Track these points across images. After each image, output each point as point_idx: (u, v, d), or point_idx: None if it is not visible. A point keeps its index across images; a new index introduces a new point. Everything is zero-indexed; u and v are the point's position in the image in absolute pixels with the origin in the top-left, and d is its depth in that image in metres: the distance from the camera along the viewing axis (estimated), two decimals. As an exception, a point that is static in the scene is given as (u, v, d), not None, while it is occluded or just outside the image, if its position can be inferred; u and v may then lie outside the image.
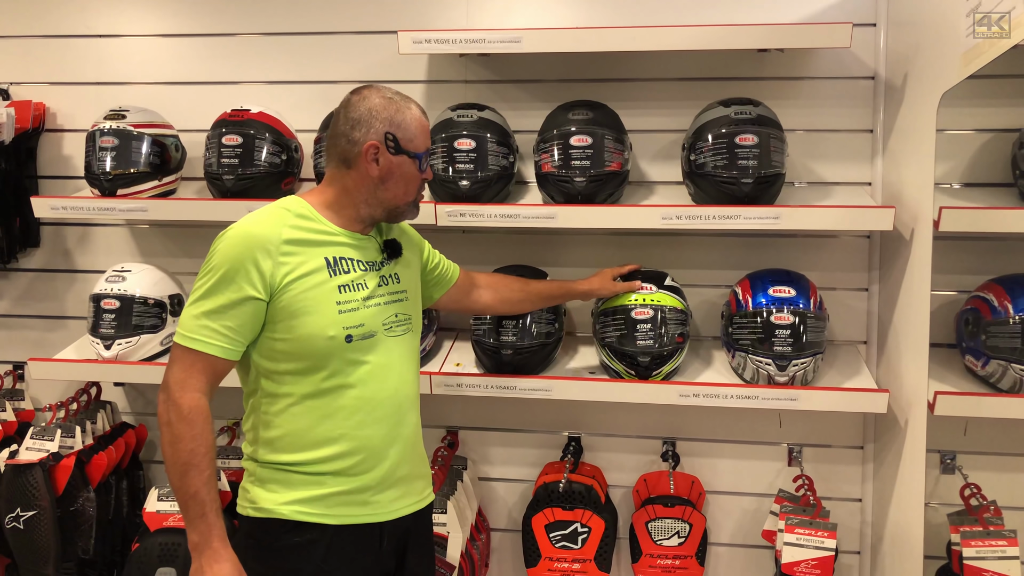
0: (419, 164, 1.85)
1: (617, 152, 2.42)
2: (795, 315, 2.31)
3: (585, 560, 2.50)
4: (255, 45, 2.87)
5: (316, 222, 1.81)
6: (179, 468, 1.68)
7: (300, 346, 1.74)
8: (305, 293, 1.74)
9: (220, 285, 1.71)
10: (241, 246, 1.71)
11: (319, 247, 1.79)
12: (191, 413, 1.68)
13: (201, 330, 1.70)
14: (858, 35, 2.45)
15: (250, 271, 1.70)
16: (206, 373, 1.72)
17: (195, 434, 1.68)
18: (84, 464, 2.66)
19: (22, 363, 3.09)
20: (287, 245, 1.74)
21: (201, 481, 1.68)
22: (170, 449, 1.69)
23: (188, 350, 1.71)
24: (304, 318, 1.73)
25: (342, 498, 1.79)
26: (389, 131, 1.80)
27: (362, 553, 1.83)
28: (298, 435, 1.78)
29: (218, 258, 1.72)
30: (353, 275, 1.81)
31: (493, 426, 2.86)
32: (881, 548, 2.56)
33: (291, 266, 1.73)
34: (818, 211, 2.34)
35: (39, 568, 2.60)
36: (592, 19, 2.69)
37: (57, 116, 3.00)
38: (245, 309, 1.71)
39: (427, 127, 1.88)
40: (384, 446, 1.84)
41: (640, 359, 2.37)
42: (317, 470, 1.78)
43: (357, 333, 1.78)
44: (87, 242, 3.04)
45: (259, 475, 1.82)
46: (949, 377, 2.32)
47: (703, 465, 2.77)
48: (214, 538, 1.68)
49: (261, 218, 1.78)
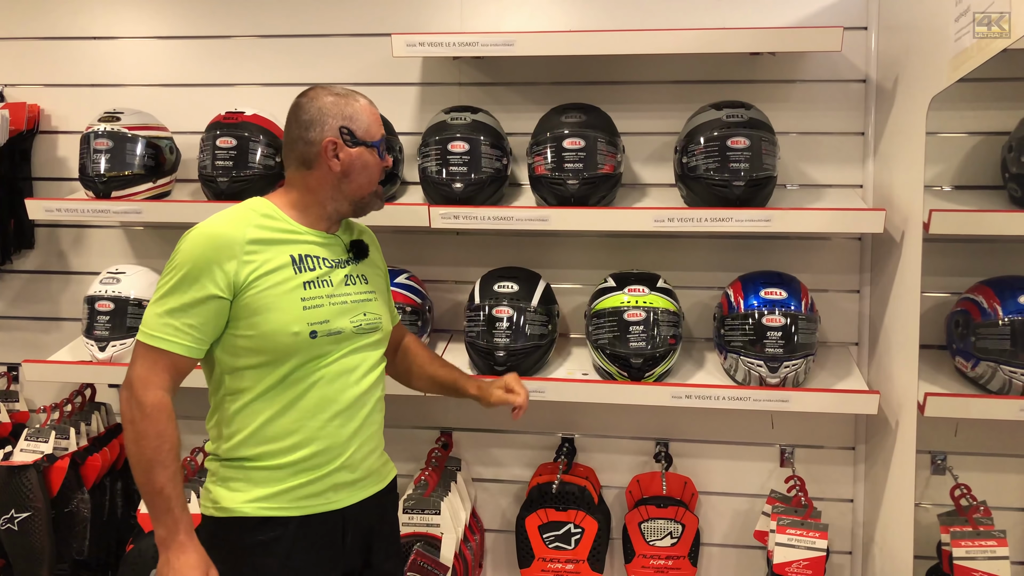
0: (377, 151, 1.86)
1: (610, 155, 2.43)
2: (786, 317, 2.32)
3: (578, 561, 2.51)
4: (249, 47, 2.88)
5: (281, 221, 1.81)
6: (144, 465, 1.68)
7: (264, 342, 1.74)
8: (269, 290, 1.74)
9: (183, 284, 1.70)
10: (204, 246, 1.71)
11: (284, 245, 1.79)
12: (154, 410, 1.68)
13: (164, 328, 1.70)
14: (849, 39, 2.47)
15: (213, 270, 1.70)
16: (169, 371, 1.71)
17: (159, 431, 1.68)
18: (78, 465, 2.66)
19: (16, 365, 3.08)
20: (251, 245, 1.74)
21: (166, 477, 1.67)
22: (134, 447, 1.69)
23: (151, 348, 1.70)
24: (268, 314, 1.73)
25: (302, 490, 1.80)
26: (343, 125, 1.81)
27: (326, 546, 1.84)
28: (258, 429, 1.78)
29: (181, 257, 1.72)
30: (318, 272, 1.81)
31: (487, 427, 2.87)
32: (872, 548, 2.58)
33: (256, 264, 1.73)
34: (809, 214, 2.36)
35: (33, 569, 2.60)
36: (585, 22, 2.70)
37: (52, 118, 3.00)
38: (208, 307, 1.71)
39: (378, 116, 1.89)
40: (345, 441, 1.84)
41: (633, 361, 2.38)
42: (277, 463, 1.78)
43: (322, 329, 1.78)
44: (81, 244, 3.04)
45: (221, 475, 1.82)
46: (939, 378, 2.34)
47: (696, 466, 2.78)
48: (180, 531, 1.69)
49: (226, 218, 1.78)
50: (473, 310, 2.50)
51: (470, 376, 2.21)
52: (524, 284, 2.52)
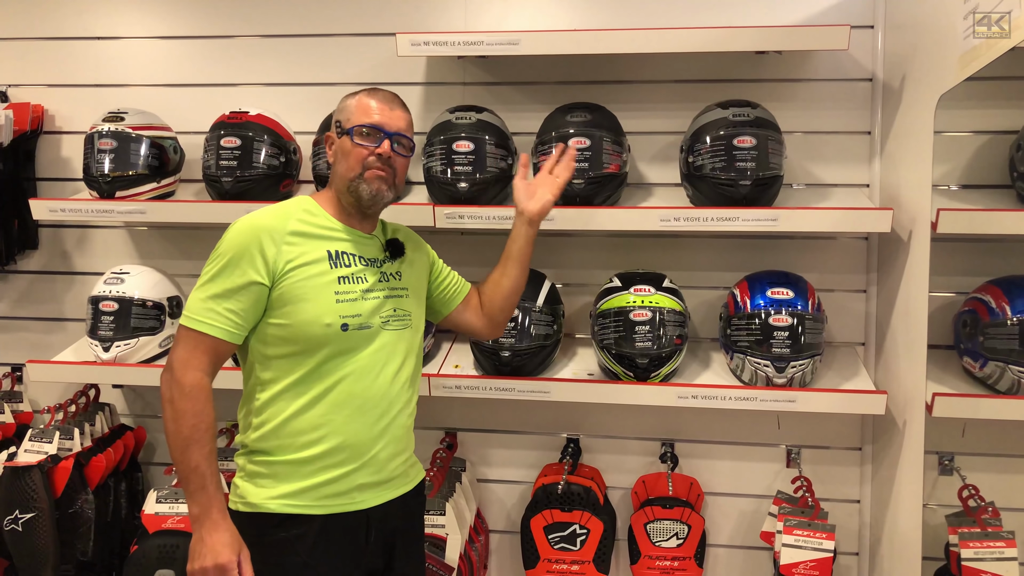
0: (350, 137, 1.88)
1: (615, 154, 2.42)
2: (793, 317, 2.31)
3: (584, 562, 2.51)
4: (253, 47, 2.88)
5: (321, 218, 1.89)
6: (181, 443, 1.73)
7: (296, 332, 1.80)
8: (305, 281, 1.80)
9: (225, 270, 1.78)
10: (247, 234, 1.79)
11: (322, 240, 1.86)
12: (192, 390, 1.74)
13: (206, 313, 1.77)
14: (856, 37, 2.46)
15: (255, 256, 1.77)
16: (209, 354, 1.78)
17: (197, 410, 1.74)
18: (83, 466, 2.66)
19: (20, 365, 3.08)
20: (292, 236, 1.82)
21: (202, 455, 1.73)
22: (172, 425, 1.74)
23: (192, 331, 1.77)
24: (302, 304, 1.79)
25: (327, 488, 1.82)
26: (337, 119, 1.92)
27: (349, 546, 1.86)
28: (285, 422, 1.82)
29: (225, 245, 1.80)
30: (353, 268, 1.87)
31: (492, 428, 2.86)
32: (879, 549, 2.56)
33: (294, 255, 1.81)
34: (816, 213, 2.35)
35: (38, 570, 2.59)
36: (590, 21, 2.69)
37: (56, 118, 3.00)
38: (248, 293, 1.78)
39: (367, 105, 1.89)
40: (370, 440, 1.86)
41: (639, 361, 2.37)
42: (300, 457, 1.81)
43: (353, 323, 1.83)
44: (86, 244, 3.04)
45: (248, 470, 1.86)
46: (947, 379, 2.32)
47: (702, 466, 2.77)
48: (214, 509, 1.73)
49: (270, 211, 1.88)
50: (478, 310, 2.49)
51: (512, 229, 2.11)
52: (529, 284, 2.47)
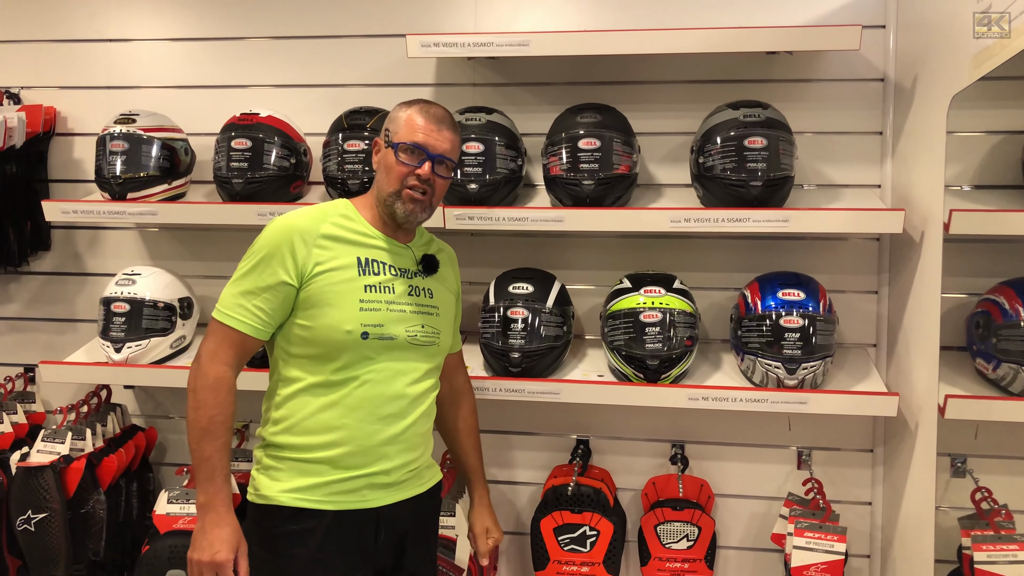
0: (395, 153, 1.89)
1: (625, 155, 2.42)
2: (804, 318, 2.30)
3: (594, 563, 2.50)
4: (264, 49, 2.89)
5: (357, 223, 1.92)
6: (198, 432, 1.79)
7: (318, 335, 1.83)
8: (332, 286, 1.83)
9: (257, 268, 1.83)
10: (281, 234, 1.83)
11: (354, 246, 1.89)
12: (216, 382, 1.80)
13: (236, 308, 1.83)
14: (867, 37, 2.45)
15: (285, 257, 1.81)
16: (235, 348, 1.84)
17: (218, 402, 1.80)
18: (94, 466, 2.67)
19: (33, 366, 3.10)
20: (324, 239, 1.85)
21: (215, 447, 1.79)
22: (193, 414, 1.80)
23: (222, 325, 1.83)
24: (326, 309, 1.83)
25: (338, 485, 1.85)
26: (387, 127, 1.93)
27: (357, 543, 1.88)
28: (302, 420, 1.86)
29: (260, 243, 1.85)
30: (382, 277, 1.90)
31: (501, 429, 2.86)
32: (891, 552, 2.55)
33: (324, 258, 1.84)
34: (827, 214, 2.34)
35: (50, 570, 2.61)
36: (600, 22, 2.69)
37: (67, 120, 3.02)
38: (277, 293, 1.82)
39: (415, 122, 1.90)
40: (383, 445, 1.88)
41: (649, 362, 2.37)
42: (313, 456, 1.85)
43: (374, 332, 1.85)
44: (97, 245, 3.05)
45: (264, 463, 1.90)
46: (959, 380, 2.31)
47: (712, 468, 2.76)
48: (219, 502, 1.79)
49: (306, 212, 1.90)
50: (488, 311, 2.50)
51: (481, 483, 2.26)
52: (539, 285, 2.50)
